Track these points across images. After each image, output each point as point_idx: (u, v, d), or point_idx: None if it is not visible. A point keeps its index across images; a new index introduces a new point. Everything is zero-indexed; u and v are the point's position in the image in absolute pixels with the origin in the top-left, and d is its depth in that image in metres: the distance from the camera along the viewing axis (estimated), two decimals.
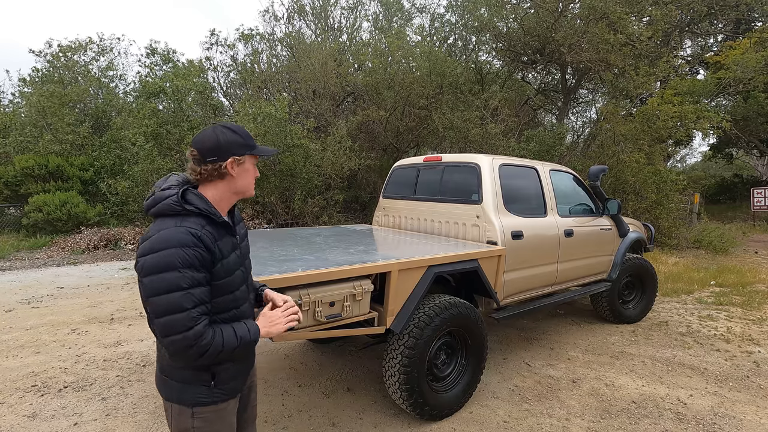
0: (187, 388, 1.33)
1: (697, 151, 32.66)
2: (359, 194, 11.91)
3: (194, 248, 1.21)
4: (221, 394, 1.37)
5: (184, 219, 1.25)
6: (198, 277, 1.22)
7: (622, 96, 11.49)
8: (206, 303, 1.25)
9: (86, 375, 3.35)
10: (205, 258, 1.23)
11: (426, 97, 11.30)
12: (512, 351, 3.97)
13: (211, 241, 1.26)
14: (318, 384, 3.25)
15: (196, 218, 1.26)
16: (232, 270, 1.35)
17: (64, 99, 11.91)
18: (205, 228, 1.26)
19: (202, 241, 1.23)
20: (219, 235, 1.31)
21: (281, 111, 8.90)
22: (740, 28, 14.12)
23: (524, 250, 3.44)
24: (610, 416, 2.89)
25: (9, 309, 5.02)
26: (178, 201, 1.25)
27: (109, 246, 9.12)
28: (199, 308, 1.21)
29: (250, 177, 1.38)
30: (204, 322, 1.22)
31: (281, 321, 1.42)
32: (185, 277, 1.19)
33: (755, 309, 5.32)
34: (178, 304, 1.18)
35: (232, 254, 1.36)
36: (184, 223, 1.23)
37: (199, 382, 1.33)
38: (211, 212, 1.29)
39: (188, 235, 1.21)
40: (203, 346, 1.20)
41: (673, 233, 9.96)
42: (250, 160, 1.37)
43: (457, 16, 14.08)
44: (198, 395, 1.33)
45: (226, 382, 1.38)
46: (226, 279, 1.32)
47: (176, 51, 14.50)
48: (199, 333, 1.19)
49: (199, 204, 1.28)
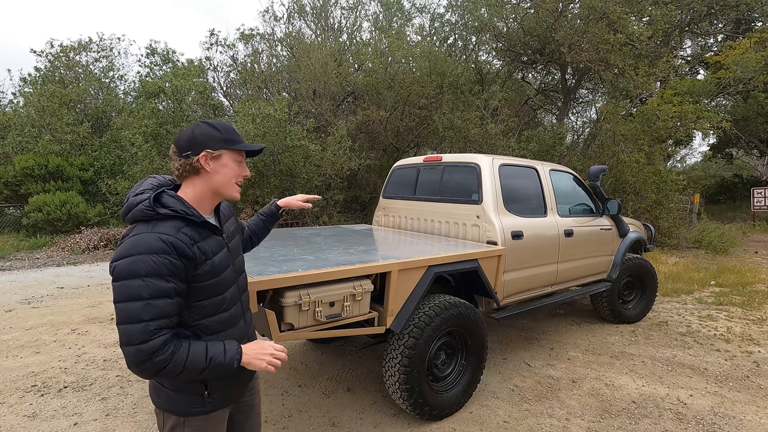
0: (179, 398, 1.28)
1: (697, 151, 32.71)
2: (359, 194, 11.91)
3: (163, 255, 1.13)
4: (215, 403, 1.32)
5: (156, 224, 1.18)
6: (163, 287, 1.13)
7: (622, 96, 11.49)
8: (170, 316, 1.15)
9: (86, 375, 3.35)
10: (177, 266, 1.15)
11: (426, 97, 11.30)
12: (512, 351, 3.97)
13: (188, 245, 1.18)
14: (318, 384, 3.25)
15: (171, 221, 1.20)
16: (220, 270, 1.29)
17: (65, 99, 11.91)
18: (182, 231, 1.19)
19: (174, 247, 1.15)
20: (200, 236, 1.24)
21: (280, 111, 8.90)
22: (740, 28, 14.12)
23: (524, 250, 3.44)
24: (610, 416, 2.89)
25: (9, 309, 5.01)
26: (150, 206, 1.19)
27: (109, 246, 9.12)
28: (158, 321, 1.12)
29: (228, 174, 1.29)
30: (163, 337, 1.12)
31: (266, 358, 1.27)
32: (148, 287, 1.11)
33: (755, 309, 5.32)
34: (136, 315, 1.10)
35: (219, 254, 1.30)
36: (156, 229, 1.16)
37: (192, 391, 1.28)
38: (188, 213, 1.22)
39: (158, 241, 1.14)
40: (158, 363, 1.11)
41: (673, 233, 9.96)
42: (229, 156, 1.29)
43: (457, 16, 14.09)
44: (190, 405, 1.29)
45: (221, 391, 1.32)
46: (213, 280, 1.26)
47: (176, 51, 14.52)
48: (153, 348, 1.10)
49: (174, 206, 1.21)
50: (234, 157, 1.31)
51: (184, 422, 1.30)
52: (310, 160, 9.50)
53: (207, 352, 1.19)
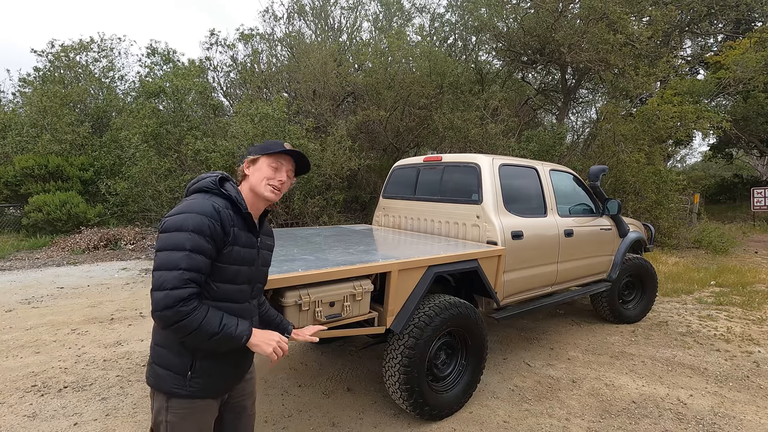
0: (166, 376, 1.35)
1: (697, 151, 32.71)
2: (359, 194, 11.90)
3: (210, 218, 1.29)
4: (197, 389, 1.36)
5: (213, 196, 1.38)
6: (203, 245, 1.27)
7: (622, 96, 11.49)
8: (201, 273, 1.27)
9: (86, 375, 3.35)
10: (217, 232, 1.30)
11: (426, 97, 11.29)
12: (512, 351, 3.97)
13: (228, 222, 1.34)
14: (318, 384, 3.25)
15: (223, 200, 1.38)
16: (240, 261, 1.39)
17: (65, 99, 11.90)
18: (228, 210, 1.36)
19: (220, 215, 1.31)
20: (239, 224, 1.39)
21: (279, 111, 8.89)
22: (740, 28, 14.13)
23: (524, 250, 3.44)
24: (610, 416, 2.89)
25: (9, 309, 5.01)
26: (215, 181, 1.40)
27: (109, 246, 9.12)
28: (192, 273, 1.24)
29: (259, 175, 1.44)
30: (191, 290, 1.23)
31: (272, 344, 1.38)
32: (191, 240, 1.25)
33: (755, 309, 5.32)
34: (175, 262, 1.23)
35: (246, 249, 1.42)
36: (211, 199, 1.35)
37: (178, 368, 1.34)
38: (238, 200, 1.40)
39: (210, 207, 1.31)
40: (180, 313, 1.21)
41: (673, 233, 9.96)
42: (264, 161, 1.44)
43: (457, 16, 14.08)
44: (174, 385, 1.34)
45: (204, 377, 1.36)
46: (231, 266, 1.37)
47: (176, 51, 14.49)
48: (181, 296, 1.21)
49: (231, 191, 1.41)
50: (269, 162, 1.45)
51: (168, 405, 1.36)
52: (309, 160, 9.49)
53: (222, 320, 1.30)
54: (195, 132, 9.45)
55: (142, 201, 10.21)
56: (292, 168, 1.51)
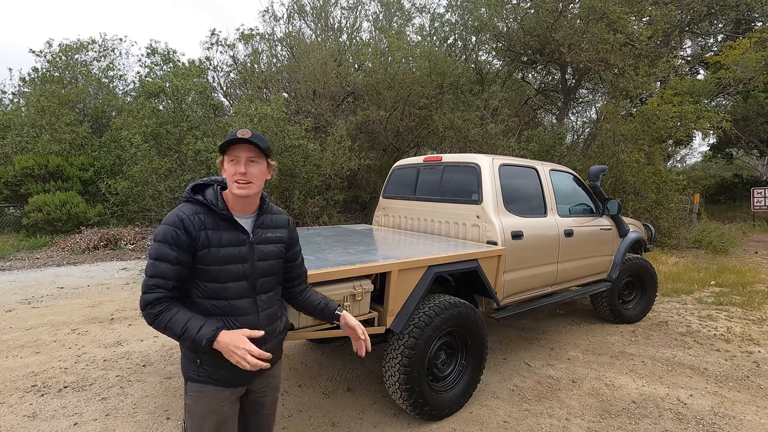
0: (185, 363, 1.49)
1: (697, 151, 32.72)
2: (359, 194, 11.90)
3: (173, 227, 1.38)
4: (206, 375, 1.46)
5: (184, 205, 1.46)
6: (167, 253, 1.36)
7: (622, 96, 11.49)
8: (167, 278, 1.36)
9: (86, 375, 3.35)
10: (181, 239, 1.38)
11: (426, 97, 11.29)
12: (512, 351, 3.97)
13: (196, 227, 1.40)
14: (318, 384, 3.25)
15: (196, 206, 1.45)
16: (221, 261, 1.43)
17: (64, 99, 11.89)
18: (198, 215, 1.42)
19: (183, 223, 1.38)
20: (216, 226, 1.44)
21: (278, 111, 8.89)
22: (740, 28, 14.13)
23: (524, 250, 3.44)
24: (610, 416, 2.89)
25: (9, 309, 5.01)
26: (187, 191, 1.48)
27: (109, 246, 9.12)
28: (156, 279, 1.36)
29: (227, 175, 1.45)
30: (156, 294, 1.35)
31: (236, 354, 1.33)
32: (157, 249, 1.37)
33: (755, 309, 5.32)
34: (146, 270, 1.39)
35: (230, 248, 1.45)
36: (181, 208, 1.44)
37: (190, 357, 1.47)
38: (211, 203, 1.44)
39: (175, 216, 1.40)
40: (151, 314, 1.35)
41: (673, 233, 9.96)
42: (225, 159, 1.45)
43: (457, 16, 14.08)
44: (188, 369, 1.48)
45: (211, 366, 1.45)
46: (213, 267, 1.42)
47: (176, 51, 14.49)
48: (147, 300, 1.35)
49: (207, 196, 1.46)
50: (227, 159, 1.45)
51: (187, 386, 1.50)
52: (309, 160, 9.50)
53: (187, 323, 1.35)
54: (195, 132, 9.44)
55: (142, 201, 10.20)
56: (253, 154, 1.44)
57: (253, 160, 1.44)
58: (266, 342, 1.50)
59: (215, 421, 1.47)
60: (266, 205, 1.58)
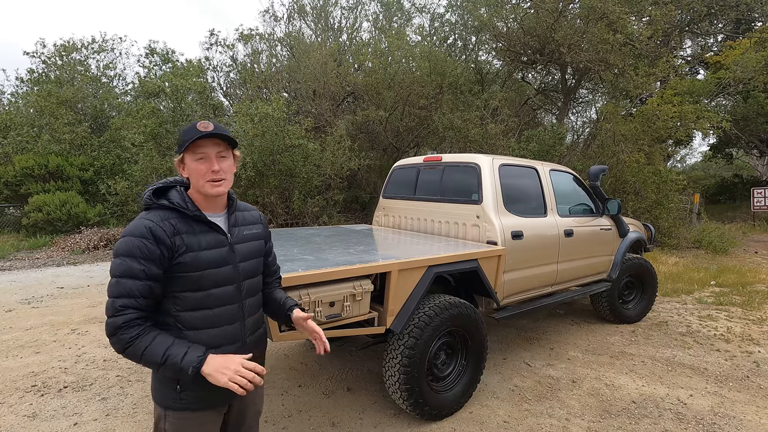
0: (160, 389, 1.33)
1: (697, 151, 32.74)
2: (359, 194, 11.91)
3: (140, 238, 1.21)
4: (188, 401, 1.30)
5: (149, 212, 1.29)
6: (133, 267, 1.19)
7: (622, 96, 11.50)
8: (137, 297, 1.19)
9: (86, 375, 3.35)
10: (151, 250, 1.21)
11: (426, 97, 11.29)
12: (512, 351, 3.97)
13: (169, 234, 1.24)
14: (318, 384, 3.25)
15: (163, 211, 1.29)
16: (205, 265, 1.30)
17: (61, 98, 11.89)
18: (168, 221, 1.27)
19: (152, 232, 1.22)
20: (190, 229, 1.29)
21: (278, 110, 8.90)
22: (740, 28, 14.13)
23: (524, 250, 3.44)
24: (610, 416, 2.89)
25: (9, 309, 5.01)
26: (149, 196, 1.31)
27: (109, 246, 9.11)
28: (123, 300, 1.18)
29: (194, 174, 1.30)
30: (126, 316, 1.17)
31: (227, 374, 1.19)
32: (121, 265, 1.20)
33: (755, 309, 5.32)
34: (109, 290, 1.20)
35: (211, 251, 1.31)
36: (147, 215, 1.27)
37: (167, 384, 1.30)
38: (181, 206, 1.29)
39: (141, 226, 1.23)
40: (122, 340, 1.16)
41: (673, 233, 9.97)
42: (189, 158, 1.30)
43: (457, 16, 14.09)
44: (166, 398, 1.31)
45: (195, 391, 1.29)
46: (194, 274, 1.28)
47: (175, 51, 14.51)
48: (116, 324, 1.16)
49: (174, 198, 1.31)
50: (193, 157, 1.29)
51: (166, 416, 1.32)
52: (309, 160, 9.50)
53: (168, 349, 1.18)
54: None
55: (142, 201, 10.20)
56: (221, 148, 1.32)
57: (222, 155, 1.32)
58: (251, 351, 1.41)
59: None
60: (234, 201, 1.45)
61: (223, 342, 1.34)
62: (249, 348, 1.42)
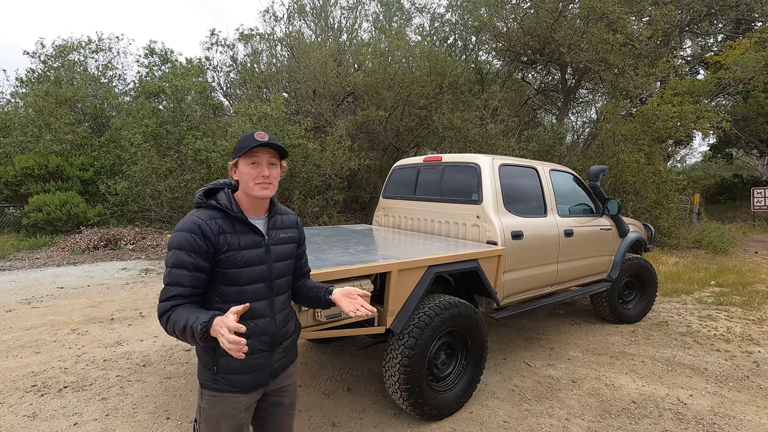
0: (201, 370, 1.48)
1: (697, 151, 32.76)
2: (359, 194, 11.91)
3: (191, 234, 1.36)
4: (224, 383, 1.44)
5: (199, 210, 1.45)
6: (184, 259, 1.35)
7: (622, 96, 11.50)
8: (185, 285, 1.34)
9: (86, 375, 3.35)
10: (199, 245, 1.36)
11: (426, 97, 11.29)
12: (512, 351, 3.97)
13: (215, 232, 1.39)
14: (318, 384, 3.25)
15: (211, 210, 1.44)
16: (242, 264, 1.43)
17: (60, 98, 11.88)
18: (215, 220, 1.41)
19: (201, 229, 1.37)
20: (233, 229, 1.43)
21: (277, 110, 8.89)
22: (740, 28, 14.14)
23: (524, 250, 3.44)
24: (610, 416, 2.89)
25: (9, 309, 5.01)
26: (200, 195, 1.47)
27: (109, 246, 9.12)
28: (173, 287, 1.34)
29: (245, 177, 1.44)
30: (173, 302, 1.33)
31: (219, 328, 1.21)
32: (174, 256, 1.36)
33: (755, 309, 5.32)
34: (164, 279, 1.38)
35: (249, 250, 1.45)
36: (196, 213, 1.42)
37: (207, 365, 1.46)
38: (227, 207, 1.44)
39: (192, 222, 1.38)
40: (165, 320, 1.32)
41: (673, 233, 9.97)
42: (243, 162, 1.44)
43: (457, 16, 14.10)
44: (205, 378, 1.47)
45: (230, 373, 1.44)
46: (233, 270, 1.42)
47: (174, 51, 14.50)
48: (164, 308, 1.33)
49: (221, 200, 1.46)
50: (246, 162, 1.43)
51: (202, 394, 1.49)
52: (309, 160, 9.50)
53: (188, 318, 1.30)
54: (195, 132, 9.44)
55: (142, 201, 10.21)
56: (272, 155, 1.46)
57: (273, 163, 1.47)
58: (282, 343, 1.55)
59: (230, 426, 1.47)
60: (276, 206, 1.59)
61: (253, 334, 1.45)
62: (279, 339, 1.54)
